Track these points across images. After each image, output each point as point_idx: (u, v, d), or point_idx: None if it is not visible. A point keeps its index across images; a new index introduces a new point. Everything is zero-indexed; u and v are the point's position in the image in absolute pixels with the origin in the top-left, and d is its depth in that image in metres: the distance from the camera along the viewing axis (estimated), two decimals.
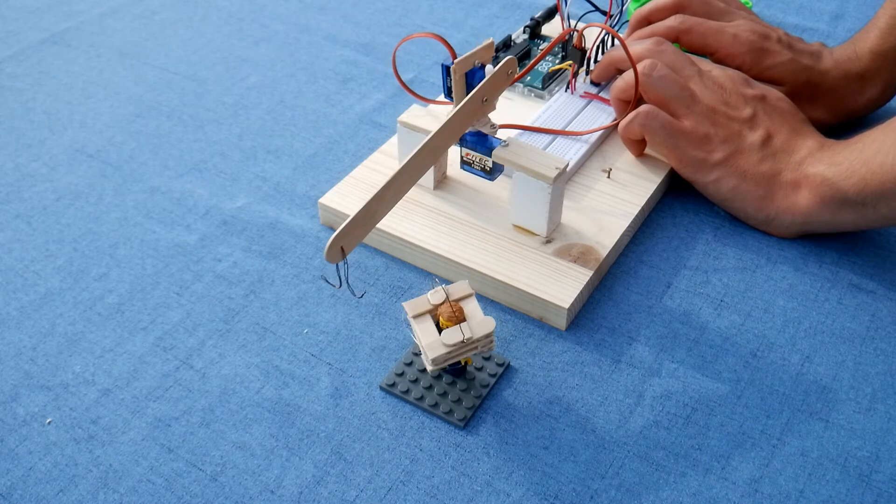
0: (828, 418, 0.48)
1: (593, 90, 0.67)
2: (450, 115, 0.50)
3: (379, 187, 0.46)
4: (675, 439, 0.47)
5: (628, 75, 0.60)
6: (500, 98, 0.53)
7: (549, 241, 0.56)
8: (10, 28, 0.82)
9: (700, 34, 0.65)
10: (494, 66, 0.51)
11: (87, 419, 0.48)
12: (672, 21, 0.65)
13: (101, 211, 0.61)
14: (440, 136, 0.49)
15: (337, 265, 0.44)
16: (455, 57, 0.51)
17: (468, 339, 0.45)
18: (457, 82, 0.52)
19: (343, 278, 0.45)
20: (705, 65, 0.61)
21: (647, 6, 0.68)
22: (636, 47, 0.61)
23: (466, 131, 0.55)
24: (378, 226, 0.57)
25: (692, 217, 0.61)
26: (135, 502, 0.44)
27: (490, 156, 0.54)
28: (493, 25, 0.82)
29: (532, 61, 0.59)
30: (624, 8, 0.70)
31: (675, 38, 0.65)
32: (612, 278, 0.56)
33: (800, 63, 0.64)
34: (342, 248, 0.44)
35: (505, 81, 0.52)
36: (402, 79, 0.58)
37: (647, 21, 0.68)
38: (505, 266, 0.54)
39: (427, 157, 0.49)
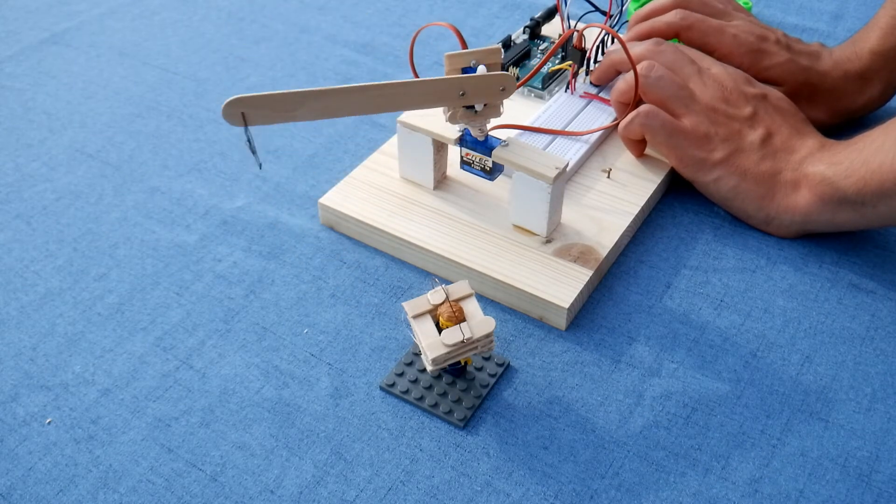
0: (828, 418, 0.48)
1: (593, 90, 0.67)
2: (423, 79, 0.49)
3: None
4: (675, 439, 0.47)
5: (628, 77, 0.60)
6: None
7: (548, 241, 0.56)
8: (10, 28, 0.82)
9: (701, 32, 0.65)
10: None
11: (87, 419, 0.48)
12: (673, 17, 0.65)
13: (100, 211, 0.61)
14: (397, 87, 0.48)
15: (245, 129, 0.45)
16: (465, 48, 0.51)
17: (468, 339, 0.45)
18: (449, 74, 0.51)
19: (247, 142, 0.46)
20: (706, 62, 0.61)
21: (647, 7, 0.68)
22: (635, 48, 0.61)
23: (461, 129, 0.55)
24: (378, 226, 0.57)
25: (692, 217, 0.61)
26: (135, 502, 0.44)
27: (490, 156, 0.54)
28: (493, 25, 0.82)
29: (532, 70, 0.59)
30: (624, 8, 0.70)
31: (676, 34, 0.65)
32: (612, 278, 0.56)
33: (798, 64, 0.64)
34: (243, 114, 0.44)
35: (494, 91, 0.51)
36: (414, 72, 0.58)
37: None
38: (505, 266, 0.54)
39: (373, 99, 0.48)
